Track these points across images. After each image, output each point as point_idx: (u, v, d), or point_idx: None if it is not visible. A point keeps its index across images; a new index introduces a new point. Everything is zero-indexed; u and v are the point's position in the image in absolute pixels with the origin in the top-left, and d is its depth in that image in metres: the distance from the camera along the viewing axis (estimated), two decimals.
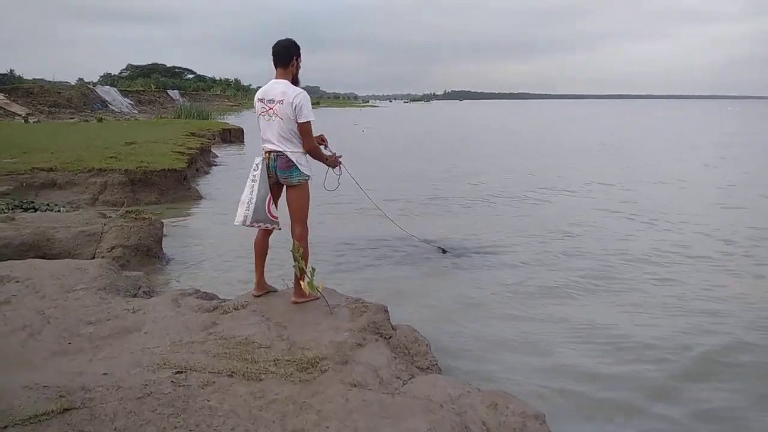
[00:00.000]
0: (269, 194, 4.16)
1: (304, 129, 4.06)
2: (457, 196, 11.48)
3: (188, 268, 6.53)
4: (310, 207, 4.27)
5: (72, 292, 4.67)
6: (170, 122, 27.46)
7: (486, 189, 12.28)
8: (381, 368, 3.27)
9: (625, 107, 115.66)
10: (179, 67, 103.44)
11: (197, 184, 12.47)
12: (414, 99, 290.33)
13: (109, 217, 7.44)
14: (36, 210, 8.72)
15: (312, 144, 4.13)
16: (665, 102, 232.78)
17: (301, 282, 4.10)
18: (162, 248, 6.87)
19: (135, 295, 5.08)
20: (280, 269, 5.48)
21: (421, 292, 5.81)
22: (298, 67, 4.18)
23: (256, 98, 4.21)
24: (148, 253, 6.54)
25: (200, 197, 10.88)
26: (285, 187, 4.21)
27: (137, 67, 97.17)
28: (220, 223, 8.70)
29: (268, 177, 4.15)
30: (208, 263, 6.72)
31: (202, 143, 16.69)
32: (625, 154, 19.93)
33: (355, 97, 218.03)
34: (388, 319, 4.07)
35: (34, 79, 59.23)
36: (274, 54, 4.15)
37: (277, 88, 4.08)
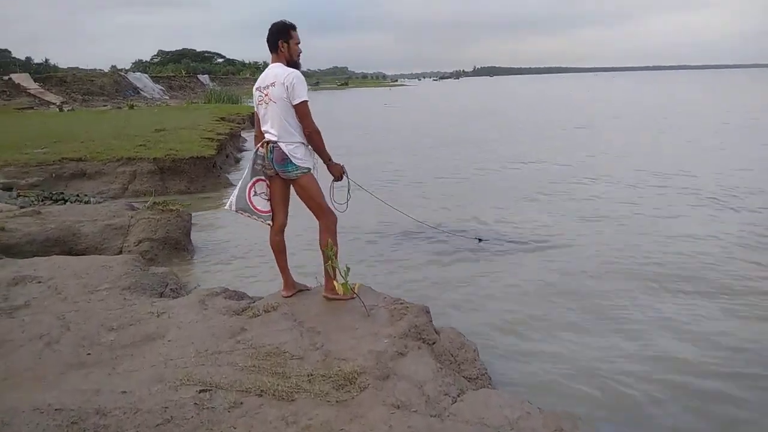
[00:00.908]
0: (250, 182, 3.98)
1: (300, 111, 3.73)
2: (491, 178, 10.99)
3: (218, 262, 6.27)
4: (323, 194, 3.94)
5: (95, 292, 4.44)
6: (200, 107, 27.42)
7: (522, 170, 11.75)
8: (426, 383, 2.92)
9: (662, 77, 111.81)
10: (209, 52, 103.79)
11: (227, 171, 12.26)
12: (443, 77, 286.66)
13: (137, 209, 7.25)
14: (66, 201, 8.61)
15: (312, 126, 3.75)
16: (701, 72, 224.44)
17: (335, 282, 3.77)
18: (191, 240, 6.64)
19: (162, 294, 4.83)
20: (312, 263, 5.15)
21: (459, 288, 5.38)
22: (292, 51, 3.81)
23: (254, 89, 3.95)
24: (177, 246, 6.31)
25: (230, 185, 10.63)
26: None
27: (168, 52, 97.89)
28: None
29: (268, 169, 3.91)
30: (238, 255, 6.46)
31: (231, 128, 16.50)
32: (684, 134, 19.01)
33: (384, 77, 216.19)
34: (431, 322, 3.71)
35: (69, 67, 60.18)
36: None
37: (269, 72, 3.83)
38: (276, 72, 3.77)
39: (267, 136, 3.85)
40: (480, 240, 6.79)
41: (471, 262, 6.09)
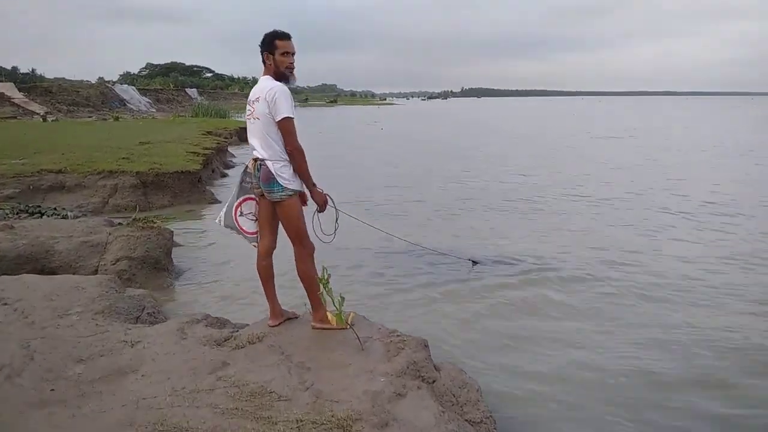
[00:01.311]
0: (237, 201, 3.79)
1: (283, 128, 3.44)
2: (483, 198, 10.78)
3: (200, 283, 5.94)
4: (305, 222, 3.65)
5: (65, 317, 4.09)
6: (187, 121, 27.04)
7: (516, 190, 11.56)
8: (429, 430, 2.63)
9: (646, 104, 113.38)
10: (198, 66, 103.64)
11: (213, 187, 11.93)
12: (431, 96, 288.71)
13: (116, 225, 6.90)
14: (42, 215, 8.23)
15: (294, 144, 3.45)
16: (685, 99, 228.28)
17: (328, 313, 3.48)
18: (171, 260, 6.29)
19: (138, 318, 4.50)
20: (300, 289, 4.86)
21: (456, 316, 5.08)
22: (277, 62, 3.51)
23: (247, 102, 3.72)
24: (156, 265, 5.96)
25: (215, 200, 10.31)
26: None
27: (156, 65, 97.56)
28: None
29: (256, 188, 3.66)
30: (222, 276, 6.13)
31: (218, 143, 16.16)
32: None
33: (372, 95, 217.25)
34: (430, 357, 3.43)
35: (55, 77, 59.53)
36: None
37: (257, 87, 3.59)
38: (262, 86, 3.53)
39: (254, 153, 3.59)
40: (474, 263, 6.53)
41: (466, 288, 5.79)
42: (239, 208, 3.80)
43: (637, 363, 4.19)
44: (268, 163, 3.52)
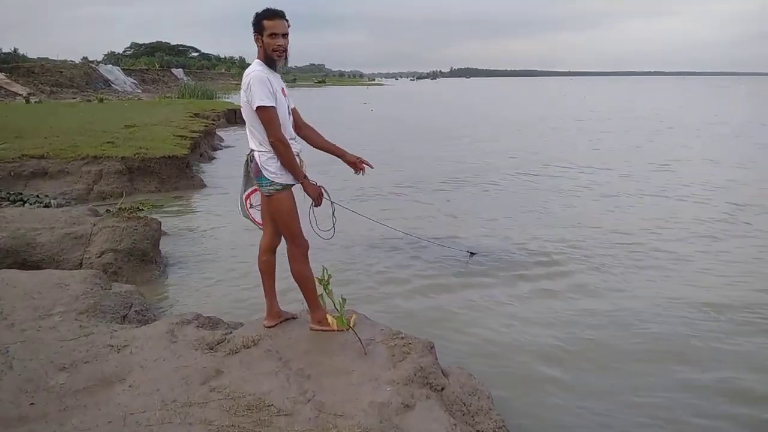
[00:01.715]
0: (245, 192, 3.57)
1: (261, 117, 3.17)
2: (478, 183, 10.57)
3: (189, 276, 5.69)
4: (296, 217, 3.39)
5: (47, 317, 3.86)
6: (173, 102, 26.50)
7: (508, 173, 11.36)
8: None
9: (636, 84, 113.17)
10: (183, 45, 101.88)
11: (201, 171, 11.63)
12: (420, 77, 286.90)
13: (101, 215, 6.62)
14: (24, 203, 7.94)
15: (275, 135, 3.15)
16: (674, 79, 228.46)
17: (329, 316, 3.27)
18: (159, 251, 6.04)
19: (125, 317, 4.27)
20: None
21: (457, 313, 4.85)
22: (266, 45, 3.20)
23: None
24: (144, 258, 5.71)
25: (204, 185, 10.03)
26: None
27: (141, 45, 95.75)
28: (225, 216, 7.86)
29: (254, 182, 3.44)
30: (212, 266, 5.89)
31: (206, 125, 15.79)
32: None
33: (361, 75, 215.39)
34: (437, 362, 3.23)
35: (38, 57, 58.15)
36: None
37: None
38: (246, 71, 3.27)
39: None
40: (472, 254, 6.29)
41: (465, 282, 5.56)
42: (248, 200, 3.56)
43: (667, 373, 4.00)
44: (255, 155, 3.30)
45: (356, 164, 3.62)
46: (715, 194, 9.29)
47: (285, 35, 3.24)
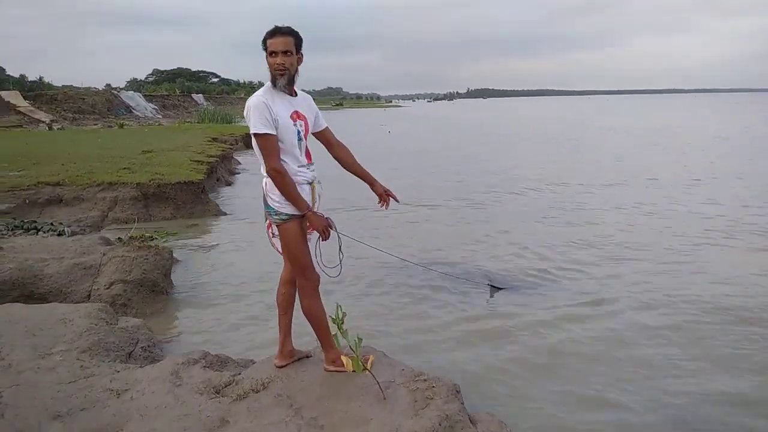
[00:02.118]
0: (268, 221, 3.25)
1: (257, 145, 2.98)
2: (500, 210, 10.26)
3: (201, 307, 5.44)
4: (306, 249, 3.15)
5: (47, 357, 3.64)
6: (192, 127, 26.71)
7: (537, 197, 11.04)
8: None
9: (660, 102, 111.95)
10: (204, 71, 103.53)
11: (217, 197, 11.49)
12: (437, 98, 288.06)
13: (113, 243, 6.46)
14: (38, 231, 7.82)
15: (271, 164, 2.94)
16: (693, 96, 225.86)
17: (343, 357, 3.00)
18: (171, 281, 5.83)
19: (130, 355, 4.04)
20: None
21: (482, 350, 4.42)
22: (269, 65, 3.02)
23: None
24: (154, 289, 5.50)
25: (219, 212, 9.85)
26: None
27: (163, 71, 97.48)
28: (240, 244, 7.65)
29: None
30: (225, 298, 5.63)
31: (223, 150, 15.76)
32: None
33: (378, 98, 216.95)
34: (464, 409, 2.93)
35: (63, 85, 59.36)
36: None
37: None
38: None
39: None
40: (494, 287, 5.80)
41: (489, 318, 5.07)
42: (270, 228, 3.32)
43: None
44: (263, 182, 3.10)
45: (382, 196, 3.39)
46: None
47: (286, 53, 2.98)
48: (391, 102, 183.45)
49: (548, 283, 5.97)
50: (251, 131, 2.96)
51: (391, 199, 3.42)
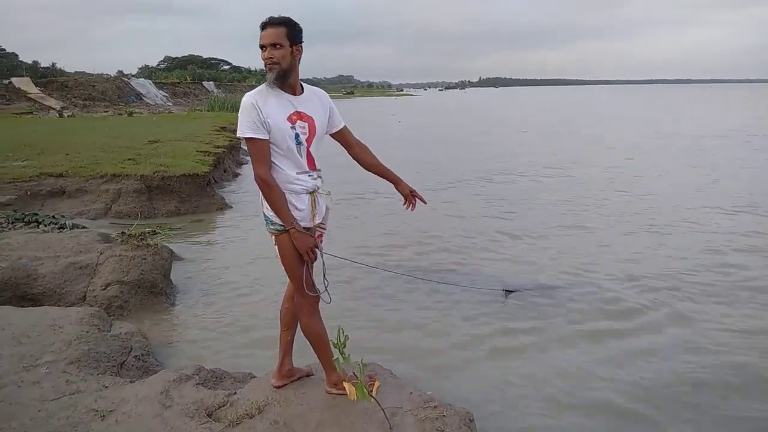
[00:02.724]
0: None
1: (247, 149, 2.74)
2: (511, 208, 9.94)
3: (201, 310, 5.20)
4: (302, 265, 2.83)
5: (32, 369, 3.42)
6: (201, 116, 26.47)
7: (546, 191, 10.71)
8: None
9: (672, 91, 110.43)
10: (215, 59, 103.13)
11: (224, 189, 11.26)
12: (449, 87, 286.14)
13: (113, 239, 6.23)
14: (39, 224, 7.62)
15: (257, 171, 2.69)
16: (709, 86, 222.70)
17: (346, 384, 2.74)
18: (170, 282, 5.60)
19: (122, 365, 3.83)
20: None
21: (495, 370, 4.07)
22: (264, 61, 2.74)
23: None
24: (152, 290, 5.27)
25: (225, 206, 9.62)
26: None
27: (174, 59, 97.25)
28: (246, 242, 7.41)
29: None
30: (226, 303, 5.38)
31: (231, 140, 15.50)
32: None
33: (389, 86, 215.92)
34: None
35: (75, 71, 59.29)
36: None
37: None
38: None
39: None
40: (508, 292, 5.49)
41: (504, 327, 4.75)
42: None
43: None
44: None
45: (408, 197, 3.13)
46: None
47: (275, 45, 2.68)
48: (402, 90, 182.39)
49: (568, 287, 5.65)
50: (241, 134, 2.69)
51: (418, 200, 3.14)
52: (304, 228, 2.76)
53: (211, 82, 65.93)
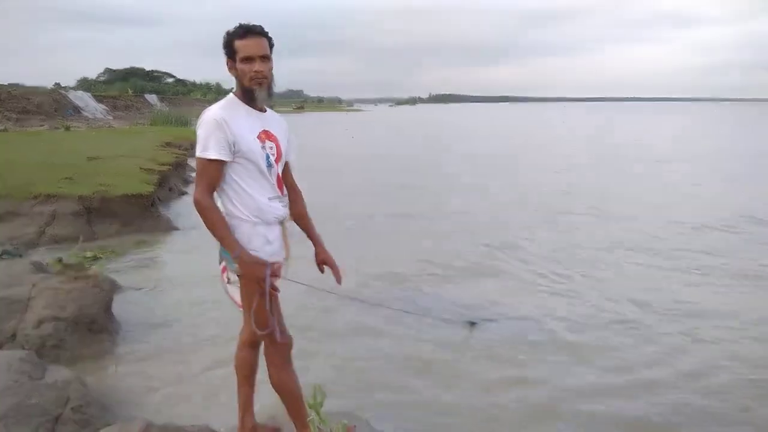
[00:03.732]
0: (222, 266, 2.67)
1: (197, 166, 2.44)
2: (472, 234, 9.81)
3: (147, 352, 4.71)
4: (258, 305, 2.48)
5: None
6: (144, 130, 25.48)
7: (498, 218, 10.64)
8: None
9: (624, 109, 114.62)
10: (158, 71, 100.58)
11: (169, 210, 10.68)
12: (399, 103, 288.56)
13: (45, 271, 5.68)
14: None
15: (197, 194, 2.41)
16: (651, 105, 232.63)
17: None
18: (112, 317, 5.11)
19: (58, 419, 3.39)
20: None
21: (470, 414, 3.73)
22: (239, 73, 2.42)
23: None
24: (91, 327, 4.78)
25: (172, 227, 9.09)
26: None
27: (115, 71, 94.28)
28: (195, 267, 6.93)
29: None
30: (176, 339, 4.91)
31: (176, 156, 14.88)
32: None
33: (339, 101, 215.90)
34: None
35: (9, 83, 56.42)
36: None
37: None
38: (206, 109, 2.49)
39: None
40: (473, 323, 5.19)
41: (469, 362, 4.47)
42: (225, 273, 2.68)
43: None
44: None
45: (319, 264, 2.79)
46: None
47: (264, 58, 2.40)
48: (352, 105, 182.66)
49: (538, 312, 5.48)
50: (197, 153, 2.35)
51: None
52: (275, 263, 2.45)
53: (154, 96, 64.13)
